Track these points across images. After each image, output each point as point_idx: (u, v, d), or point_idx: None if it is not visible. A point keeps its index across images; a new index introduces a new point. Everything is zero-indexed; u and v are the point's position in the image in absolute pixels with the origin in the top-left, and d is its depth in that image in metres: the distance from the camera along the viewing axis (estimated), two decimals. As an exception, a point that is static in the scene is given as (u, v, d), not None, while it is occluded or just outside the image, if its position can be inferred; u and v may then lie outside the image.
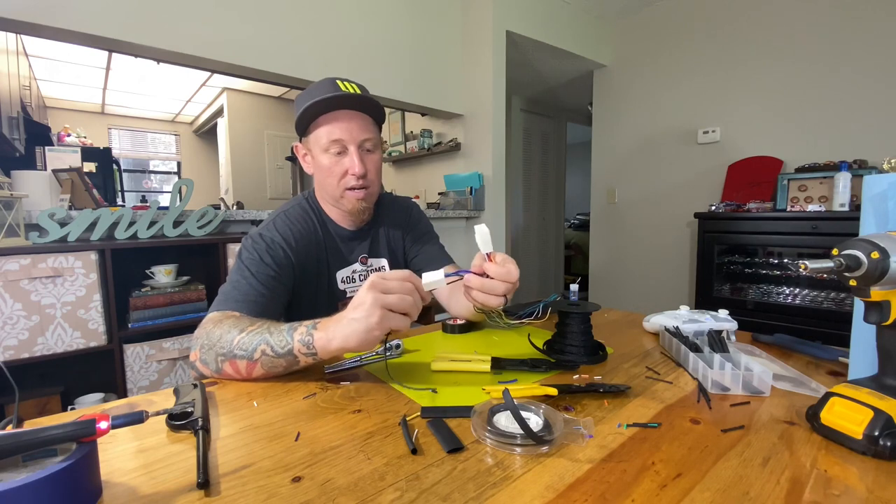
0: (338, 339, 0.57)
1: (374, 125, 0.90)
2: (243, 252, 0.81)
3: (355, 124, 0.85)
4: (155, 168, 6.57)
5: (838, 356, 0.71)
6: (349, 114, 0.85)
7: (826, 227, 2.17)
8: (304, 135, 0.90)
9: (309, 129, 0.87)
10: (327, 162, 0.86)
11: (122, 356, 1.52)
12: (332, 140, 0.84)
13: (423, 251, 1.04)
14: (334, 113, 0.84)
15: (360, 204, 0.89)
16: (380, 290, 0.56)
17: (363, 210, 0.91)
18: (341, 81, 0.85)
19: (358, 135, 0.85)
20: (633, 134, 3.34)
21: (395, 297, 0.56)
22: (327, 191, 0.90)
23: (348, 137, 0.84)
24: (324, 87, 0.84)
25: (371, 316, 0.55)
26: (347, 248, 0.95)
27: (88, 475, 0.36)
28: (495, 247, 0.65)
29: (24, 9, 1.53)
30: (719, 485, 0.39)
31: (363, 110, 0.87)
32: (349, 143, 0.85)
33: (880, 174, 0.55)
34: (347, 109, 0.85)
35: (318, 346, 0.58)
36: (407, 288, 0.57)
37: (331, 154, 0.85)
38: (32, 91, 3.69)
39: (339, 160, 0.86)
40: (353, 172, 0.85)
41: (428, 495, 0.37)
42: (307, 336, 0.59)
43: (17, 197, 1.39)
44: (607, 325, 0.95)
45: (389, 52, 2.53)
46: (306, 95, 0.85)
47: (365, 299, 0.55)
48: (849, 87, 2.39)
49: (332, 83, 0.84)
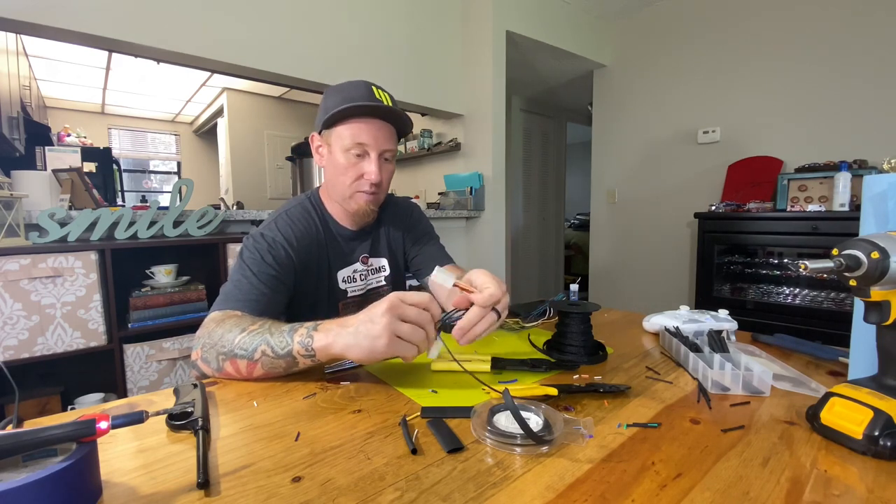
0: (338, 346, 0.57)
1: (396, 137, 0.91)
2: (245, 251, 0.82)
3: (382, 134, 0.86)
4: (155, 168, 6.57)
5: (838, 356, 0.71)
6: (379, 122, 0.85)
7: (826, 227, 2.17)
8: (327, 128, 0.88)
9: (335, 124, 0.87)
10: (345, 161, 0.86)
11: (122, 356, 1.52)
12: (357, 142, 0.84)
13: (423, 251, 1.04)
14: (365, 118, 0.85)
15: (369, 206, 0.90)
16: (397, 314, 0.54)
17: (369, 213, 0.92)
18: (376, 88, 0.86)
19: (383, 144, 0.86)
20: (633, 134, 3.34)
21: (408, 328, 0.55)
22: (337, 188, 0.90)
23: (373, 144, 0.85)
24: (359, 91, 0.84)
25: (380, 338, 0.54)
26: (349, 248, 0.95)
27: (88, 475, 0.36)
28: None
29: (24, 9, 1.53)
30: (719, 485, 0.39)
31: (392, 122, 0.88)
32: (372, 150, 0.85)
33: (880, 174, 0.55)
34: (378, 119, 0.85)
35: (316, 347, 0.58)
36: (424, 319, 0.56)
37: (351, 154, 0.85)
38: (32, 91, 3.69)
39: (357, 162, 0.86)
40: (370, 179, 0.86)
41: (428, 495, 0.37)
42: (307, 338, 0.59)
43: (17, 197, 1.39)
44: (607, 325, 0.95)
45: (389, 52, 2.53)
46: (339, 94, 0.85)
47: (379, 320, 0.54)
48: (849, 87, 2.39)
49: (368, 88, 0.85)
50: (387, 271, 1.01)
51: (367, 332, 0.55)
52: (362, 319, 0.56)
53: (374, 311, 0.55)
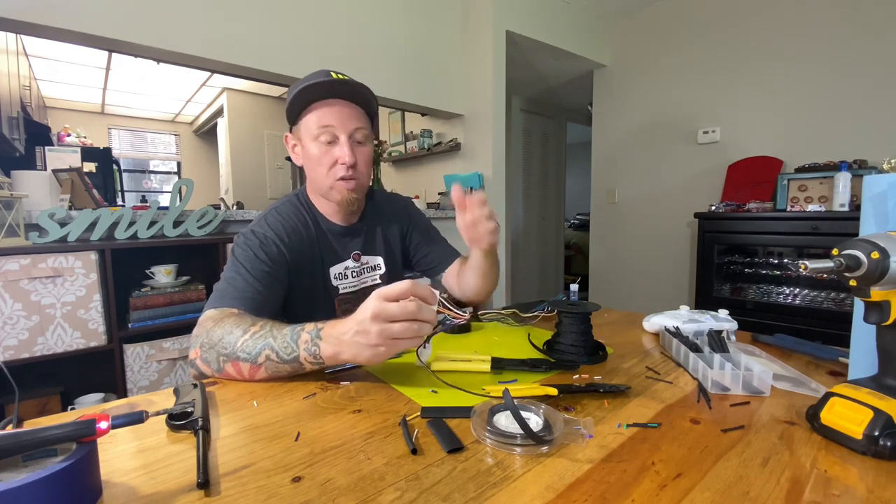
0: (347, 354, 0.57)
1: (366, 118, 0.89)
2: (237, 249, 0.81)
3: (347, 113, 0.85)
4: (155, 168, 6.57)
5: (838, 356, 0.71)
6: (341, 102, 0.84)
7: (826, 227, 2.17)
8: (294, 123, 0.88)
9: (300, 116, 0.86)
10: (317, 151, 0.85)
11: (122, 356, 1.52)
12: (323, 126, 0.83)
13: (433, 250, 1.05)
14: (326, 100, 0.84)
15: (350, 195, 0.88)
16: (384, 318, 0.54)
17: (352, 201, 0.89)
18: (334, 73, 0.84)
19: (349, 124, 0.85)
20: (633, 134, 3.34)
21: (399, 327, 0.54)
22: (317, 181, 0.89)
23: (339, 125, 0.84)
24: (316, 76, 0.83)
25: (378, 346, 0.54)
26: (340, 244, 0.94)
27: (88, 475, 0.36)
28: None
29: (24, 9, 1.53)
30: (719, 485, 0.39)
31: (355, 101, 0.86)
32: (340, 132, 0.84)
33: (880, 174, 0.55)
34: (340, 99, 0.84)
35: (325, 356, 0.58)
36: (409, 311, 0.54)
37: (321, 143, 0.84)
38: (32, 91, 3.69)
39: (329, 149, 0.85)
40: (342, 161, 0.84)
41: (428, 495, 0.37)
42: (313, 346, 0.58)
43: (17, 197, 1.39)
44: (607, 325, 0.95)
45: (389, 52, 2.53)
46: (298, 86, 0.84)
47: (369, 329, 0.54)
48: (849, 87, 2.39)
49: (325, 73, 0.84)
50: (382, 269, 1.00)
51: (365, 342, 0.55)
52: (355, 329, 0.55)
53: (362, 319, 0.55)
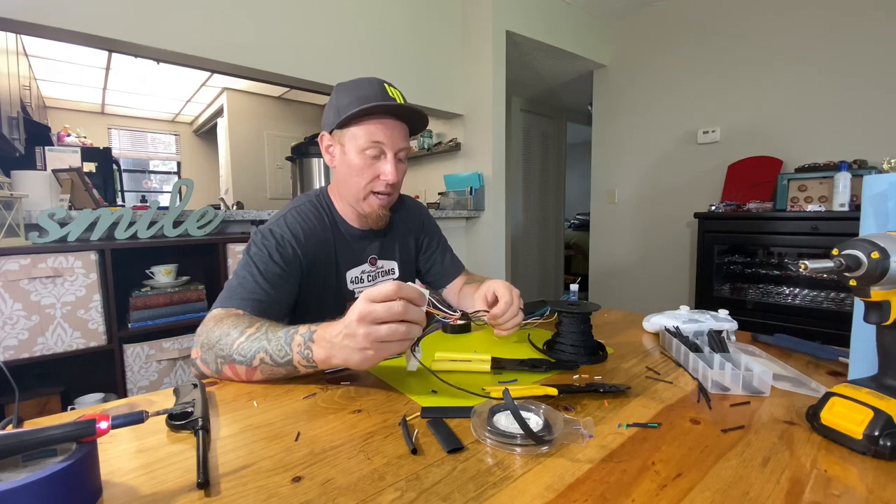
0: (338, 359, 0.56)
1: (409, 136, 0.90)
2: (252, 247, 0.80)
3: (397, 132, 0.85)
4: (155, 168, 6.56)
5: (838, 356, 0.71)
6: (394, 121, 0.84)
7: (826, 227, 2.17)
8: (339, 127, 0.86)
9: (348, 124, 0.85)
10: (360, 162, 0.84)
11: (122, 356, 1.52)
12: (374, 141, 0.83)
13: (439, 262, 1.06)
14: (382, 118, 0.83)
15: (381, 210, 0.89)
16: (370, 321, 0.53)
17: (382, 217, 0.91)
18: (388, 86, 0.84)
19: (398, 143, 0.85)
20: (632, 134, 3.34)
21: (385, 330, 0.53)
22: (350, 189, 0.88)
23: (389, 143, 0.84)
24: (373, 90, 0.83)
25: (366, 350, 0.53)
26: (358, 248, 0.94)
27: (88, 475, 0.36)
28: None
29: (24, 9, 1.53)
30: (719, 485, 0.39)
31: (405, 120, 0.87)
32: (388, 149, 0.84)
33: (880, 174, 0.55)
34: (394, 117, 0.84)
35: (317, 360, 0.58)
36: (395, 312, 0.52)
37: (367, 155, 0.84)
38: (32, 91, 3.68)
39: (373, 163, 0.85)
40: (387, 179, 0.85)
41: (428, 495, 0.37)
42: (305, 349, 0.58)
43: (17, 197, 1.39)
44: (607, 325, 0.95)
45: (389, 52, 2.53)
46: (352, 92, 0.83)
47: (357, 332, 0.53)
48: (848, 87, 2.39)
49: (381, 86, 0.83)
50: (396, 274, 1.00)
51: (354, 346, 0.53)
52: (344, 332, 0.54)
53: (349, 321, 0.54)
